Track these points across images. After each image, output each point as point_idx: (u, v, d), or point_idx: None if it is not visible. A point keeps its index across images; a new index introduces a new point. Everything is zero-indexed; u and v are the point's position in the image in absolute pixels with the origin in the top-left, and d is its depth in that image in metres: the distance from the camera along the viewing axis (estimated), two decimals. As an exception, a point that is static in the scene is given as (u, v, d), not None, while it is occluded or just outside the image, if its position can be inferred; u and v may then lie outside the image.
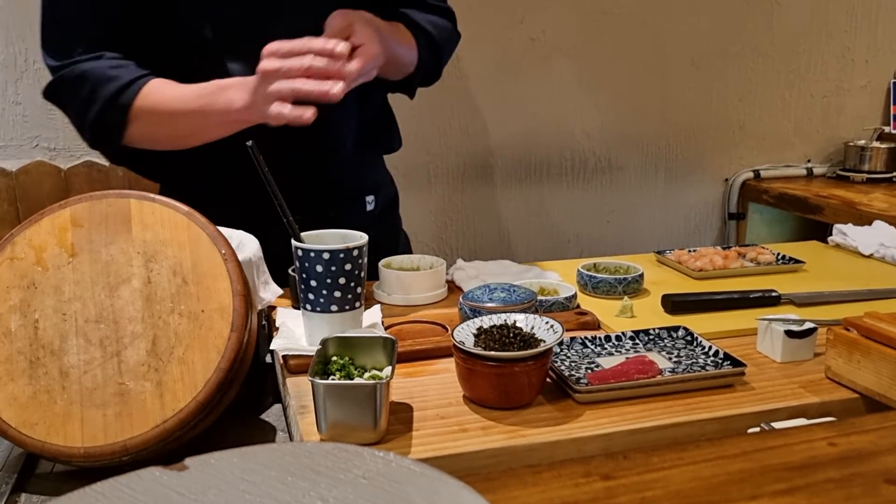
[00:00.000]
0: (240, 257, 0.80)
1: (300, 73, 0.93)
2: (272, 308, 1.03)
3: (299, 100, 0.93)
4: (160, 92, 1.06)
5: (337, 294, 0.86)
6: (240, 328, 0.74)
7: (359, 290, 0.88)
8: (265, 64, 0.94)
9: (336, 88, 0.93)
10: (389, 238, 1.34)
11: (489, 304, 0.92)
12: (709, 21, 2.30)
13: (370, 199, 1.28)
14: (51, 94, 1.10)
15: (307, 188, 1.16)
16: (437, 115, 2.16)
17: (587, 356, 0.87)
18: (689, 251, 1.28)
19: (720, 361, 0.84)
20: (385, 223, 1.33)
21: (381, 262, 1.12)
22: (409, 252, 1.35)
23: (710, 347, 0.87)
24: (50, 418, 0.70)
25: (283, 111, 0.93)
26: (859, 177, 2.34)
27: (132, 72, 1.06)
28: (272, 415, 0.86)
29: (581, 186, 2.33)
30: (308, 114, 0.93)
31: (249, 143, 0.85)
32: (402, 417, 0.75)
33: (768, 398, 0.79)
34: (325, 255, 0.84)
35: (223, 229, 0.83)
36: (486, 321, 0.82)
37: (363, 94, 1.19)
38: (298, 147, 1.13)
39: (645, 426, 0.74)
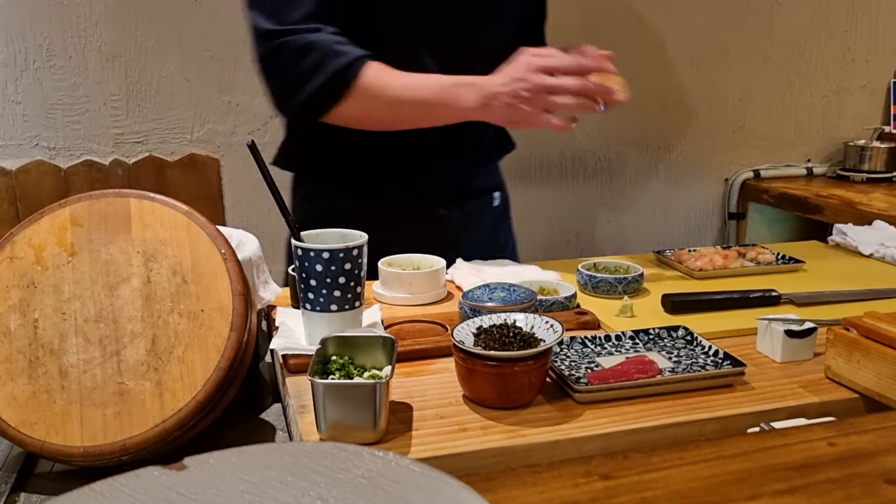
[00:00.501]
0: (239, 256, 0.80)
1: (576, 91, 1.06)
2: (272, 307, 1.03)
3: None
4: (386, 75, 1.12)
5: (337, 293, 0.86)
6: (239, 327, 0.74)
7: (358, 289, 0.88)
8: (545, 80, 1.05)
9: (604, 109, 1.08)
10: (508, 233, 1.47)
11: (489, 304, 0.92)
12: (709, 21, 2.30)
13: (497, 195, 1.42)
14: (268, 57, 1.12)
15: (452, 184, 1.31)
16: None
17: (587, 356, 0.87)
18: (689, 251, 1.28)
19: (720, 361, 0.84)
20: (505, 218, 1.46)
21: (381, 262, 1.12)
22: (516, 249, 1.48)
23: (709, 347, 0.87)
24: (49, 418, 0.70)
25: (552, 121, 1.07)
26: (859, 176, 2.34)
27: (357, 50, 1.11)
28: (271, 414, 0.86)
29: (581, 186, 2.33)
30: (572, 126, 1.10)
31: (249, 141, 0.86)
32: (401, 417, 0.75)
33: (768, 398, 0.79)
34: (325, 255, 0.84)
35: (223, 228, 0.83)
36: (486, 321, 0.82)
37: None
38: (448, 149, 1.24)
39: (645, 426, 0.74)
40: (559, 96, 1.06)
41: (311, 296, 0.86)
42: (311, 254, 0.85)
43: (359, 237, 0.88)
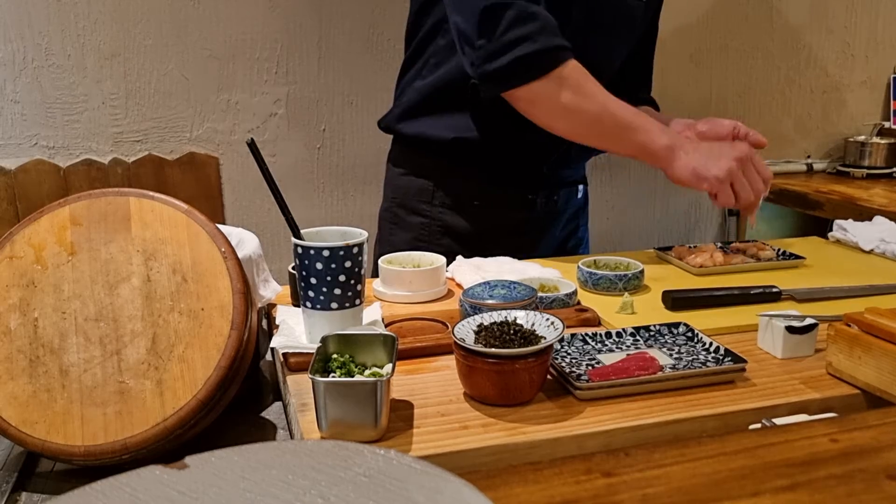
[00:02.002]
0: (239, 255, 0.80)
1: (753, 183, 1.17)
2: (272, 306, 1.03)
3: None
4: (588, 77, 1.16)
5: (337, 291, 0.86)
6: (240, 326, 0.74)
7: (359, 287, 0.88)
8: (742, 148, 1.17)
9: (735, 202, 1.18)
10: (585, 226, 1.56)
11: (489, 301, 0.92)
12: (708, 16, 2.30)
13: (581, 188, 1.50)
14: (490, 10, 1.13)
15: (542, 175, 1.37)
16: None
17: (588, 353, 0.87)
18: (690, 247, 1.28)
19: (721, 358, 0.84)
20: (585, 210, 1.55)
21: (382, 259, 1.12)
22: (588, 242, 1.57)
23: (710, 344, 0.87)
24: (50, 417, 0.70)
25: (731, 201, 1.16)
26: (859, 172, 2.34)
27: (566, 41, 1.15)
28: (272, 413, 0.86)
29: (581, 183, 2.33)
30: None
31: (249, 140, 0.85)
32: (402, 415, 0.75)
33: (769, 394, 0.79)
34: (325, 253, 0.84)
35: (223, 227, 0.83)
36: (487, 318, 0.81)
37: None
38: (546, 147, 1.29)
39: (646, 423, 0.74)
40: (740, 188, 1.16)
41: (311, 294, 0.86)
42: (312, 252, 0.84)
43: (358, 235, 0.88)
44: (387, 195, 1.42)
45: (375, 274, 1.12)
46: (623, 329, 0.91)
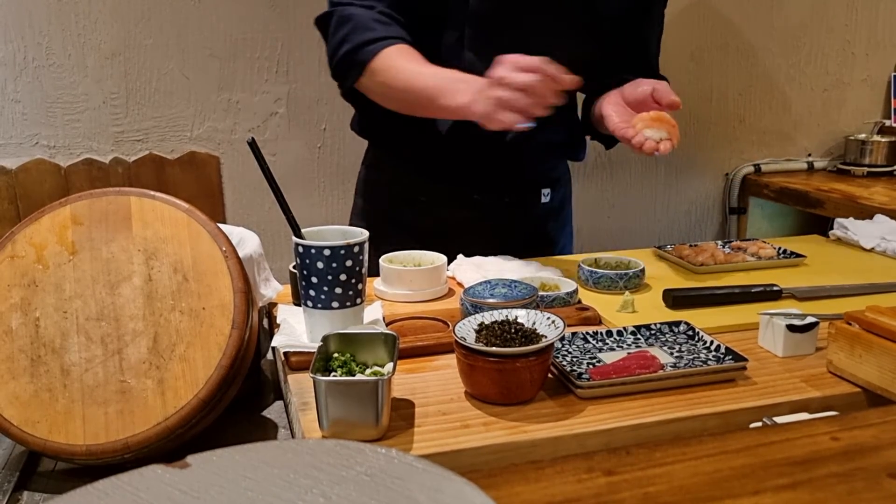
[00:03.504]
0: (240, 254, 0.80)
1: (520, 87, 0.98)
2: (273, 305, 1.03)
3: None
4: (402, 59, 1.15)
5: (338, 290, 0.86)
6: (241, 325, 0.74)
7: (360, 286, 0.88)
8: (496, 70, 1.01)
9: (538, 110, 0.99)
10: (560, 230, 1.48)
11: (490, 300, 0.92)
12: (709, 15, 2.30)
13: (546, 191, 1.41)
14: (320, 23, 1.22)
15: (489, 174, 1.33)
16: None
17: (588, 351, 0.87)
18: (691, 246, 1.28)
19: (722, 356, 0.84)
20: (558, 215, 1.46)
21: (383, 258, 1.12)
22: (572, 243, 1.51)
23: (711, 342, 0.87)
24: (52, 416, 0.70)
25: (504, 119, 1.00)
26: (860, 170, 2.34)
27: (386, 31, 1.17)
28: (274, 412, 0.86)
29: (582, 182, 2.33)
30: (522, 126, 1.02)
31: (249, 139, 0.85)
32: (403, 414, 0.75)
33: (770, 393, 0.79)
34: (326, 252, 0.84)
35: (224, 226, 0.83)
36: (488, 317, 0.82)
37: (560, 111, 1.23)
38: (490, 140, 1.23)
39: (647, 421, 0.74)
40: (515, 102, 0.98)
41: (312, 293, 0.86)
42: (313, 251, 0.84)
43: (359, 234, 0.88)
44: (355, 194, 1.46)
45: (376, 273, 1.12)
46: (624, 328, 0.91)
